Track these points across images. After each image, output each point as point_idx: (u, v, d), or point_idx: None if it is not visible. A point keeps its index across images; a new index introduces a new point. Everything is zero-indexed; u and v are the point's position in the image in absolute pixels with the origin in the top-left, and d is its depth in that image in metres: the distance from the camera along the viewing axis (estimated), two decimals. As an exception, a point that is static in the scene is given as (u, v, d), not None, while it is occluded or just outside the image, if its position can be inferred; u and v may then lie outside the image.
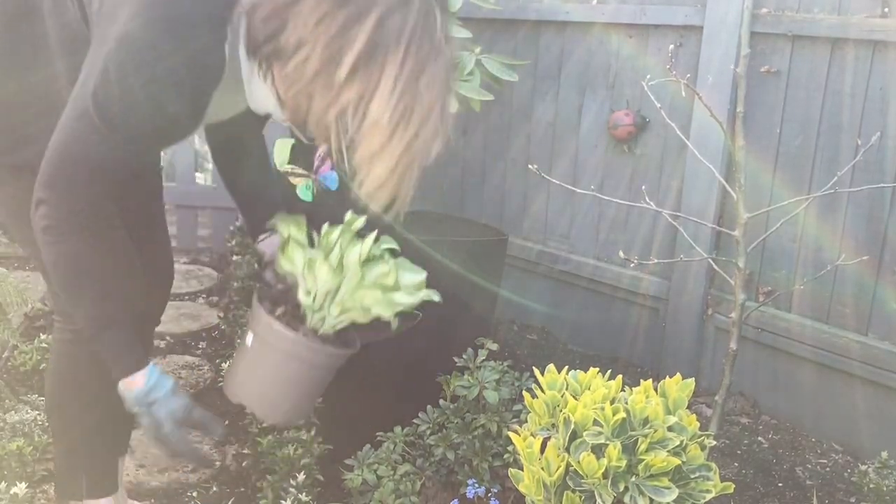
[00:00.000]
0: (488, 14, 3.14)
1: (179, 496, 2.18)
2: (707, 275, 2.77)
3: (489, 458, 1.89)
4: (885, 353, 2.40)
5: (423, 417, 2.00)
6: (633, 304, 3.04)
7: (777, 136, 2.57)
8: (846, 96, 2.41)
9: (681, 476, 1.31)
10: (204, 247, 4.15)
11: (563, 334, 3.29)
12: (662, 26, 2.79)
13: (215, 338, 3.14)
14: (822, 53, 2.44)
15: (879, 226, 2.38)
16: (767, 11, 2.52)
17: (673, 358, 2.90)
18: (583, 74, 3.03)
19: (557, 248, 3.23)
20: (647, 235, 2.94)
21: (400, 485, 1.82)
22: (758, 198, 2.56)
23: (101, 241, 1.29)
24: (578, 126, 3.08)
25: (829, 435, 2.60)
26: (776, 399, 2.72)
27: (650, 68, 2.77)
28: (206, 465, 1.42)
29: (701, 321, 2.83)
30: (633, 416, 1.34)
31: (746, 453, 2.52)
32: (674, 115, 2.58)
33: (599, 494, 1.29)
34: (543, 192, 3.22)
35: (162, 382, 1.35)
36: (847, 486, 2.36)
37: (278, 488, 1.96)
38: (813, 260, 2.53)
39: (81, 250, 1.27)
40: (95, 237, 1.27)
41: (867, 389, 2.47)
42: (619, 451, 1.28)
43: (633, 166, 2.95)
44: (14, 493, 1.80)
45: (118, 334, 1.33)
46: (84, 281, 1.29)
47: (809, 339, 2.56)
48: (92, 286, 1.29)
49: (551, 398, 1.43)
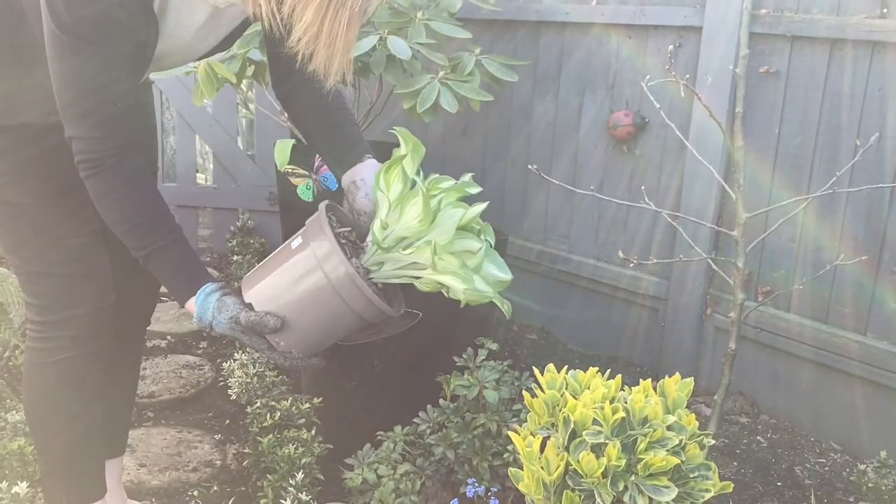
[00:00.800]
0: (488, 14, 3.15)
1: (179, 496, 2.18)
2: (706, 275, 2.78)
3: (489, 458, 1.89)
4: (884, 353, 2.40)
5: (423, 417, 2.01)
6: (632, 303, 3.04)
7: (776, 137, 2.57)
8: (845, 97, 2.42)
9: (680, 475, 1.31)
10: (204, 246, 4.16)
11: (562, 334, 3.29)
12: (662, 27, 2.80)
13: (216, 338, 3.14)
14: (821, 54, 2.45)
15: (878, 226, 2.39)
16: (766, 12, 2.53)
17: (672, 357, 2.91)
18: (582, 75, 3.04)
19: (557, 248, 3.24)
20: (646, 235, 2.94)
21: (400, 484, 1.83)
22: (757, 198, 2.56)
23: (131, 173, 1.37)
24: (578, 126, 3.09)
25: (828, 434, 2.61)
26: (775, 399, 2.73)
27: (649, 69, 2.77)
28: (317, 366, 1.43)
29: (700, 321, 2.84)
30: (632, 415, 1.34)
31: (745, 453, 2.53)
32: (673, 115, 2.59)
33: (599, 494, 1.30)
34: (543, 192, 3.23)
35: (206, 304, 1.39)
36: (846, 486, 2.36)
37: (279, 487, 1.96)
38: (812, 260, 2.54)
39: (115, 180, 1.36)
40: (125, 169, 1.37)
41: (866, 389, 2.47)
42: (618, 450, 1.28)
43: (632, 166, 2.95)
44: (15, 493, 1.81)
45: (165, 260, 1.39)
46: (122, 208, 1.38)
47: (808, 338, 2.57)
48: (130, 214, 1.38)
49: (551, 398, 1.44)
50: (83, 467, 1.74)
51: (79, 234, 1.58)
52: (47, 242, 1.58)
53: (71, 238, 1.58)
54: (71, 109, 1.34)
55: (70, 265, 1.59)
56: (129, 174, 1.38)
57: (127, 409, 1.98)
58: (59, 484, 1.72)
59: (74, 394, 1.66)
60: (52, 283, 1.60)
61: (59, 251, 1.59)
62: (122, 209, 1.38)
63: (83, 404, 1.68)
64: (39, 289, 1.61)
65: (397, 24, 2.62)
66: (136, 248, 1.39)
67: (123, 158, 1.36)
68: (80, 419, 1.69)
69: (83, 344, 1.63)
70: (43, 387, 1.67)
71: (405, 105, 2.53)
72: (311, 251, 1.36)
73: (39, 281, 1.61)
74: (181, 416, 2.61)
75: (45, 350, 1.64)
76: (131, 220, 1.38)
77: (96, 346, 1.65)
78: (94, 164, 1.35)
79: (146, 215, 1.39)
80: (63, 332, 1.62)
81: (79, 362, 1.64)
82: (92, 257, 1.61)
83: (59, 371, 1.64)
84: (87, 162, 1.36)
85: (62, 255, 1.59)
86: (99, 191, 1.38)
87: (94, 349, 1.65)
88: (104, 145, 1.35)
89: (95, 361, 1.67)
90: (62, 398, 1.66)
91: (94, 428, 1.72)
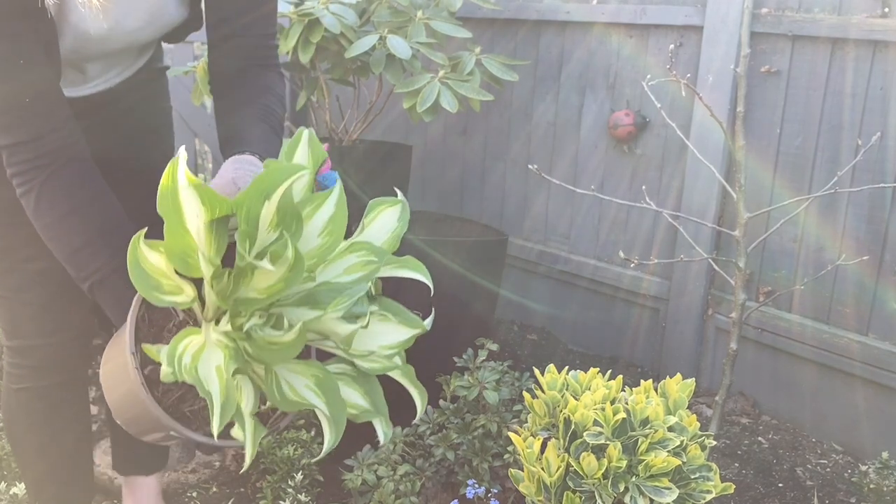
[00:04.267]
0: (488, 14, 3.14)
1: (179, 496, 2.18)
2: (707, 275, 2.77)
3: (489, 459, 1.89)
4: (886, 354, 2.40)
5: (423, 418, 2.00)
6: (633, 304, 3.03)
7: (777, 136, 2.57)
8: (846, 96, 2.41)
9: (681, 476, 1.31)
10: (204, 247, 4.15)
11: (563, 334, 3.29)
12: (662, 26, 2.79)
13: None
14: (822, 53, 2.44)
15: (880, 226, 2.38)
16: (768, 11, 2.52)
17: (673, 358, 2.90)
18: (583, 74, 3.03)
19: (558, 248, 3.23)
20: (647, 235, 2.94)
21: (400, 485, 1.82)
22: (758, 198, 2.55)
23: (69, 181, 1.17)
24: (578, 126, 3.08)
25: (830, 435, 2.60)
26: (776, 399, 2.72)
27: (650, 68, 2.77)
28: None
29: (701, 321, 2.83)
30: (633, 416, 1.34)
31: (747, 454, 2.52)
32: (674, 115, 2.58)
33: (599, 495, 1.29)
34: (544, 192, 3.22)
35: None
36: (847, 487, 2.35)
37: (278, 489, 1.96)
38: (813, 260, 2.53)
39: (51, 192, 1.16)
40: (64, 175, 1.17)
41: (867, 390, 2.47)
42: (619, 451, 1.28)
43: (633, 166, 2.94)
44: (14, 494, 1.80)
45: (106, 289, 1.16)
46: (61, 234, 1.18)
47: (810, 339, 2.56)
48: (68, 241, 1.17)
49: (551, 398, 1.43)
50: (55, 494, 1.65)
51: (43, 259, 1.39)
52: (5, 267, 1.45)
53: (33, 262, 1.43)
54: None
55: (29, 292, 1.46)
56: (69, 186, 1.16)
57: None
58: (41, 496, 1.65)
59: (37, 425, 1.56)
60: (10, 308, 1.48)
61: (17, 276, 1.45)
62: (62, 231, 1.17)
63: (49, 435, 1.57)
64: (2, 312, 1.50)
65: (397, 24, 2.62)
66: (77, 278, 1.19)
67: (63, 167, 1.16)
68: (47, 448, 1.58)
69: (44, 376, 1.52)
70: (9, 412, 1.58)
71: (405, 104, 2.53)
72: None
73: (1, 304, 1.49)
74: (180, 416, 2.60)
75: (10, 375, 1.54)
76: (70, 245, 1.16)
77: (60, 378, 1.54)
78: (25, 176, 1.15)
79: (85, 238, 1.17)
80: (23, 360, 1.51)
81: (39, 394, 1.52)
82: (63, 283, 1.38)
83: (19, 400, 1.54)
84: (19, 175, 1.16)
85: (21, 281, 1.45)
86: (37, 210, 1.15)
87: (58, 381, 1.54)
88: (37, 151, 1.14)
89: (61, 393, 1.55)
90: (25, 427, 1.57)
91: (66, 457, 1.62)
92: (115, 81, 1.54)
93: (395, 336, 1.09)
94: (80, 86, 1.47)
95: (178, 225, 0.93)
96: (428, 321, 1.10)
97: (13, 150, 1.16)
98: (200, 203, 0.92)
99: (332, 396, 1.02)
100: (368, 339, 1.06)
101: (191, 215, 0.94)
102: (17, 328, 1.50)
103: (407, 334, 1.09)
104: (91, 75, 1.48)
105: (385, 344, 1.08)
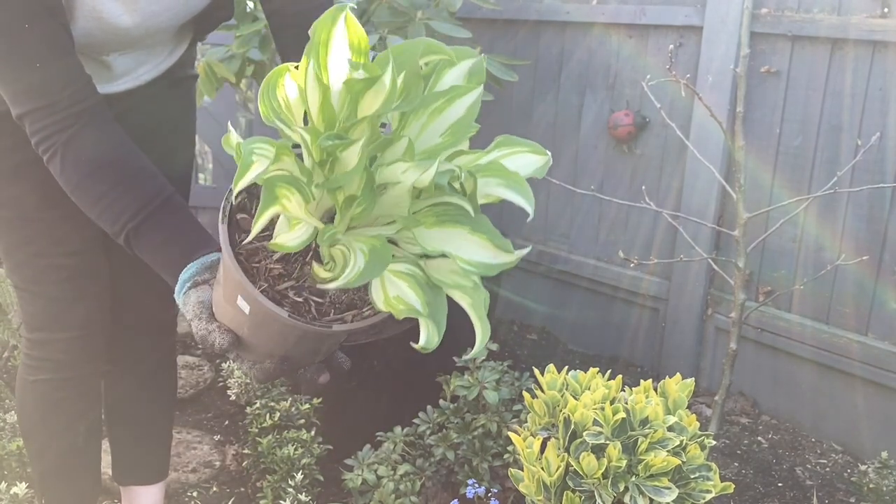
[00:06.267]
0: (488, 14, 3.14)
1: (179, 496, 2.18)
2: (707, 275, 2.77)
3: (489, 458, 1.89)
4: (885, 353, 2.40)
5: (423, 417, 2.00)
6: (633, 304, 3.04)
7: (777, 137, 2.57)
8: (846, 96, 2.41)
9: (681, 476, 1.31)
10: (204, 247, 4.15)
11: (563, 334, 3.29)
12: (662, 26, 2.79)
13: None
14: (821, 54, 2.44)
15: (879, 226, 2.38)
16: (767, 11, 2.52)
17: (673, 358, 2.90)
18: (583, 75, 3.03)
19: (557, 248, 3.23)
20: (647, 235, 2.94)
21: (400, 485, 1.82)
22: (758, 198, 2.56)
23: (93, 137, 1.15)
24: (578, 126, 3.08)
25: (829, 435, 2.60)
26: (776, 399, 2.72)
27: (650, 68, 2.77)
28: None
29: (701, 321, 2.83)
30: (633, 416, 1.34)
31: (746, 453, 2.52)
32: (674, 115, 2.58)
33: (599, 494, 1.29)
34: (543, 192, 3.22)
35: (179, 296, 1.07)
36: (847, 487, 2.36)
37: (278, 488, 1.96)
38: (813, 260, 2.53)
39: (74, 152, 1.14)
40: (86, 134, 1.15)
41: (867, 389, 2.47)
42: (619, 451, 1.28)
43: (633, 166, 2.95)
44: (14, 494, 1.80)
45: (146, 242, 1.12)
46: (90, 188, 1.14)
47: (809, 339, 2.56)
48: (98, 194, 1.13)
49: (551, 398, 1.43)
50: (64, 486, 1.67)
51: (59, 254, 1.44)
52: (22, 259, 1.46)
53: (50, 258, 1.45)
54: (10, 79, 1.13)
55: (50, 286, 1.47)
56: (92, 143, 1.14)
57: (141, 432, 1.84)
58: (41, 497, 1.67)
59: (51, 415, 1.58)
60: (32, 301, 1.49)
61: (36, 270, 1.46)
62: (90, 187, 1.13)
63: (63, 424, 1.60)
64: (22, 303, 1.51)
65: (397, 24, 2.62)
66: (113, 233, 1.14)
67: (84, 127, 1.14)
68: (59, 438, 1.60)
69: (64, 369, 1.54)
70: (23, 403, 1.61)
71: (405, 105, 2.52)
72: (223, 269, 1.02)
73: (21, 295, 1.50)
74: (180, 416, 2.60)
75: (27, 367, 1.56)
76: (99, 201, 1.13)
77: (79, 371, 1.56)
78: (48, 142, 1.13)
79: (113, 189, 1.13)
80: (44, 353, 1.53)
81: (55, 385, 1.55)
82: (78, 279, 1.46)
83: (35, 391, 1.56)
84: (42, 142, 1.14)
85: (40, 275, 1.47)
86: (63, 171, 1.14)
87: (77, 374, 1.56)
88: (54, 115, 1.13)
89: (77, 386, 1.57)
90: (38, 418, 1.59)
91: (76, 448, 1.64)
92: (144, 79, 1.49)
93: (480, 254, 0.95)
94: (107, 83, 1.43)
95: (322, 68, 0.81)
96: (520, 252, 0.94)
97: (33, 118, 1.14)
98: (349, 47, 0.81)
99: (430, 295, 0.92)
100: (450, 244, 0.92)
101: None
102: (39, 321, 1.51)
103: (495, 258, 0.93)
104: (117, 72, 1.44)
105: (467, 258, 0.93)
